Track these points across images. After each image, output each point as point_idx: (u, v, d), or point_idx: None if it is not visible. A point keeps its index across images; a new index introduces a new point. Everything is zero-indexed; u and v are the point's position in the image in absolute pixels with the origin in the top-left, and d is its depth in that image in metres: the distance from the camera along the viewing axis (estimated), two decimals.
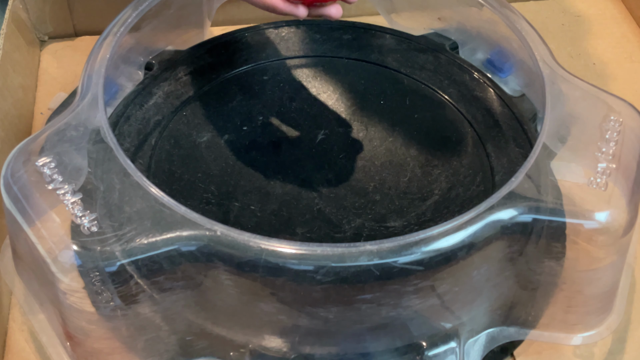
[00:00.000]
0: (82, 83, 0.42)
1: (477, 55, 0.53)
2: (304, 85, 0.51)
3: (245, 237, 0.35)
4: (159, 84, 0.49)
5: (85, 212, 0.36)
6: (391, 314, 0.38)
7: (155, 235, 0.36)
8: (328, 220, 0.43)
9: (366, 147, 0.47)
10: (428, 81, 0.51)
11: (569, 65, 0.59)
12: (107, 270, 0.35)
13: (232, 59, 0.52)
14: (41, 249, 0.35)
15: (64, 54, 0.60)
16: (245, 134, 0.47)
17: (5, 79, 0.51)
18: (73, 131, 0.39)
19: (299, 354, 0.39)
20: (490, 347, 0.42)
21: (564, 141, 0.41)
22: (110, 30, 0.45)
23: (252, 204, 0.43)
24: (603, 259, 0.40)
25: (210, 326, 0.39)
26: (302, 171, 0.45)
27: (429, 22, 0.56)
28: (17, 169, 0.37)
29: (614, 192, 0.39)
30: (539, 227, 0.39)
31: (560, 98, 0.43)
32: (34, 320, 0.41)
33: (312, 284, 0.35)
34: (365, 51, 0.53)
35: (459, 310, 0.40)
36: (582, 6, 0.66)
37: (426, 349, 0.39)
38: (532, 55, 0.45)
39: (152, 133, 0.46)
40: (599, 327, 0.42)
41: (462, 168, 0.46)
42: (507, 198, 0.38)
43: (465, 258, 0.37)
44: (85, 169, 0.38)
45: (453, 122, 0.49)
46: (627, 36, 0.63)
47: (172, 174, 0.44)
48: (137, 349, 0.39)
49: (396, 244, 0.36)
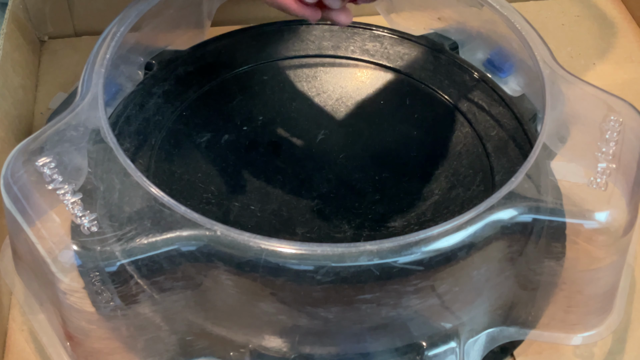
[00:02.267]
0: (82, 83, 0.42)
1: (477, 55, 0.53)
2: (304, 85, 0.51)
3: (245, 237, 0.35)
4: (159, 84, 0.49)
5: (85, 212, 0.36)
6: (391, 314, 0.38)
7: (155, 235, 0.36)
8: (328, 220, 0.43)
9: (366, 147, 0.47)
10: (428, 81, 0.51)
11: (569, 65, 0.58)
12: (107, 270, 0.35)
13: (232, 59, 0.52)
14: (41, 249, 0.35)
15: (64, 54, 0.60)
16: (245, 134, 0.47)
17: (5, 79, 0.51)
18: (73, 131, 0.39)
19: (299, 354, 0.39)
20: (490, 347, 0.42)
21: (564, 141, 0.41)
22: (110, 30, 0.45)
23: (252, 204, 0.43)
24: (603, 259, 0.40)
25: (210, 326, 0.39)
26: (302, 171, 0.45)
27: (429, 22, 0.56)
28: (17, 169, 0.37)
29: (614, 192, 0.39)
30: (539, 227, 0.39)
31: (560, 98, 0.43)
32: (34, 320, 0.40)
33: (312, 284, 0.35)
34: (365, 51, 0.53)
35: (459, 310, 0.40)
36: (582, 6, 0.66)
37: (426, 349, 0.39)
38: (532, 55, 0.45)
39: (152, 133, 0.46)
40: (599, 327, 0.42)
41: (462, 168, 0.46)
42: (507, 198, 0.38)
43: (465, 258, 0.37)
44: (85, 169, 0.38)
45: (453, 122, 0.49)
46: (627, 36, 0.63)
47: (172, 174, 0.44)
48: (137, 349, 0.39)
49: (396, 244, 0.35)
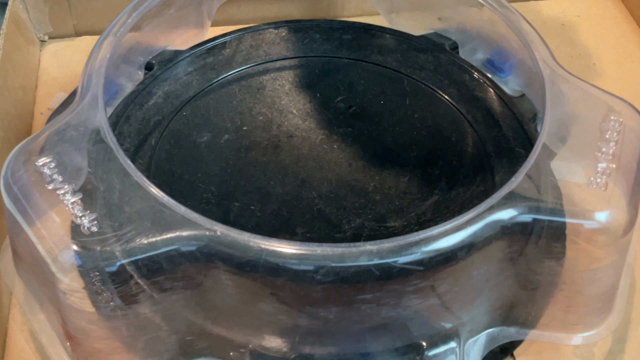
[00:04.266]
0: (82, 83, 0.42)
1: (477, 55, 0.53)
2: (304, 85, 0.51)
3: (245, 237, 0.35)
4: (159, 84, 0.49)
5: (85, 212, 0.36)
6: (391, 314, 0.38)
7: (155, 235, 0.36)
8: (328, 220, 0.43)
9: (366, 147, 0.47)
10: (428, 81, 0.51)
11: (569, 65, 0.59)
12: (107, 270, 0.35)
13: (232, 59, 0.52)
14: (41, 249, 0.35)
15: (64, 54, 0.60)
16: (245, 134, 0.47)
17: (5, 79, 0.51)
18: (73, 131, 0.39)
19: (299, 354, 0.39)
20: (490, 347, 0.42)
21: (564, 141, 0.41)
22: (110, 30, 0.45)
23: (252, 204, 0.43)
24: (603, 259, 0.40)
25: (210, 326, 0.39)
26: (302, 171, 0.45)
27: (429, 22, 0.56)
28: (17, 169, 0.37)
29: (614, 192, 0.39)
30: (539, 227, 0.39)
31: (560, 98, 0.43)
32: (34, 320, 0.40)
33: (312, 284, 0.35)
34: (365, 51, 0.53)
35: (459, 310, 0.40)
36: (582, 6, 0.66)
37: (426, 349, 0.39)
38: (532, 55, 0.45)
39: (152, 133, 0.46)
40: (599, 327, 0.42)
41: (462, 168, 0.46)
42: (507, 198, 0.38)
43: (465, 258, 0.37)
44: (85, 169, 0.38)
45: (453, 122, 0.49)
46: (627, 36, 0.63)
47: (172, 174, 0.44)
48: (137, 349, 0.39)
49: (396, 244, 0.35)
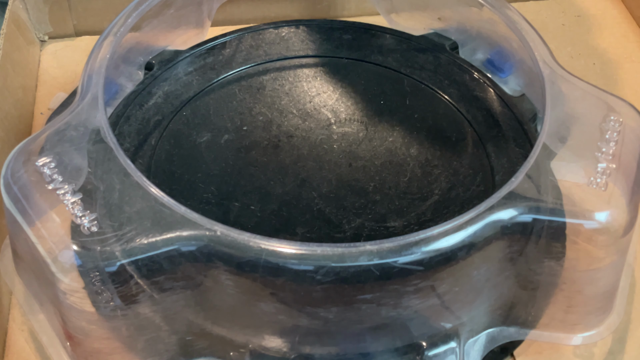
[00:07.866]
0: (82, 83, 0.42)
1: (477, 55, 0.53)
2: (304, 85, 0.51)
3: (245, 237, 0.35)
4: (159, 84, 0.49)
5: (85, 212, 0.36)
6: (391, 314, 0.38)
7: (155, 235, 0.36)
8: (328, 220, 0.43)
9: (366, 147, 0.47)
10: (428, 81, 0.51)
11: (569, 65, 0.58)
12: (107, 270, 0.35)
13: (232, 59, 0.52)
14: (41, 249, 0.35)
15: (64, 54, 0.60)
16: (245, 134, 0.47)
17: (5, 79, 0.51)
18: (73, 131, 0.39)
19: (299, 354, 0.39)
20: (490, 347, 0.42)
21: (564, 141, 0.41)
22: (110, 30, 0.45)
23: (252, 204, 0.43)
24: (603, 259, 0.40)
25: (210, 326, 0.39)
26: (302, 171, 0.45)
27: (429, 22, 0.56)
28: (17, 169, 0.37)
29: (614, 192, 0.39)
30: (539, 227, 0.39)
31: (560, 98, 0.42)
32: (34, 320, 0.40)
33: (312, 284, 0.35)
34: (365, 51, 0.53)
35: (459, 310, 0.40)
36: (582, 6, 0.66)
37: (426, 349, 0.39)
38: (532, 55, 0.45)
39: (152, 133, 0.46)
40: (599, 327, 0.42)
41: (462, 168, 0.46)
42: (507, 198, 0.38)
43: (465, 258, 0.37)
44: (85, 169, 0.38)
45: (453, 122, 0.49)
46: (627, 36, 0.63)
47: (172, 174, 0.44)
48: (137, 349, 0.39)
49: (396, 244, 0.35)
